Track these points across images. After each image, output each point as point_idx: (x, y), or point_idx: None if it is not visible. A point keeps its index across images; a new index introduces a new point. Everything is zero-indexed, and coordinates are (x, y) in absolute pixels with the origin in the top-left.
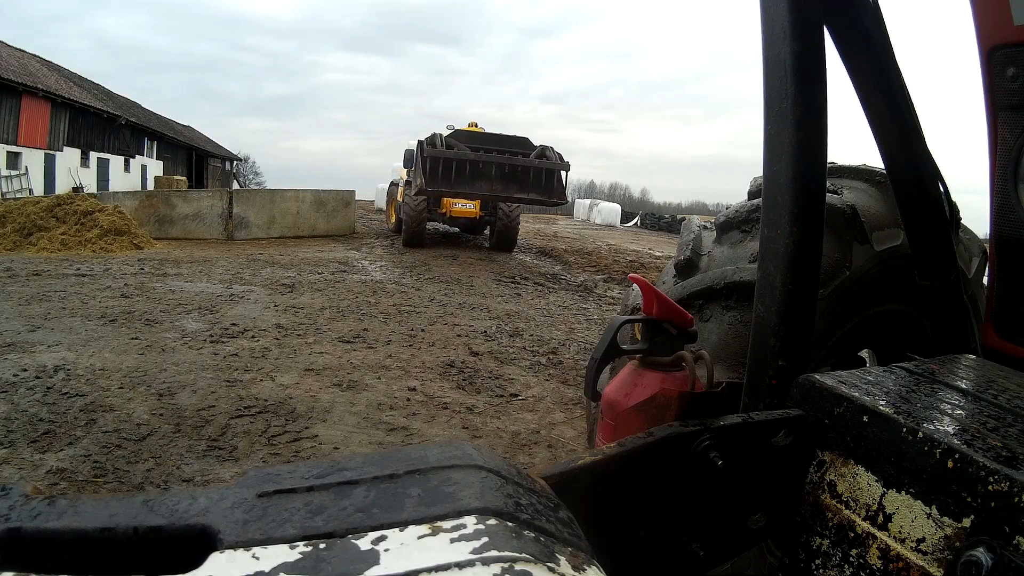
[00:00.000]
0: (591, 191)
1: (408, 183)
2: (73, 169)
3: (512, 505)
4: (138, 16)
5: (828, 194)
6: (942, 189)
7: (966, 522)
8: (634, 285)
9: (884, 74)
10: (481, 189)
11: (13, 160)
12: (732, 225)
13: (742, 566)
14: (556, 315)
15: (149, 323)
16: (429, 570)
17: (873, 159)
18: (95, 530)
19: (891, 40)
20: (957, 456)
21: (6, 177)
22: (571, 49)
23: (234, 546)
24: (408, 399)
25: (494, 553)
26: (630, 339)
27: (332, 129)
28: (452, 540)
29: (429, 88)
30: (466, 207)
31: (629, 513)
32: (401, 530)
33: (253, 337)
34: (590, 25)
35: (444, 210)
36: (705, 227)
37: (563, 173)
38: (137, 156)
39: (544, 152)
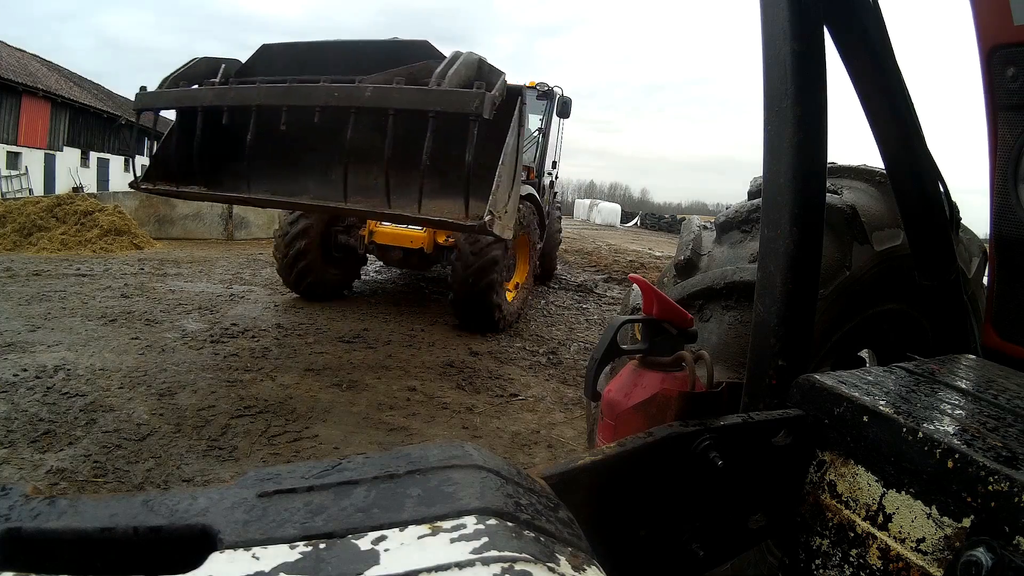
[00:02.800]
0: (591, 191)
1: None
2: (73, 169)
3: (512, 505)
4: (142, 15)
5: (828, 194)
6: (942, 189)
7: (966, 522)
8: (634, 285)
9: (884, 74)
10: (280, 188)
11: (13, 160)
12: (732, 225)
13: (742, 566)
14: (556, 315)
15: (149, 323)
16: (429, 570)
17: (873, 159)
18: (95, 530)
19: (891, 40)
20: (957, 456)
21: (6, 177)
22: (575, 49)
23: (234, 546)
24: (408, 399)
25: (494, 553)
26: (630, 339)
27: None
28: (452, 540)
29: None
30: (401, 228)
31: (629, 513)
32: (401, 530)
33: (253, 337)
34: (594, 25)
35: (366, 231)
36: (705, 227)
37: (516, 130)
38: (137, 156)
39: (454, 66)
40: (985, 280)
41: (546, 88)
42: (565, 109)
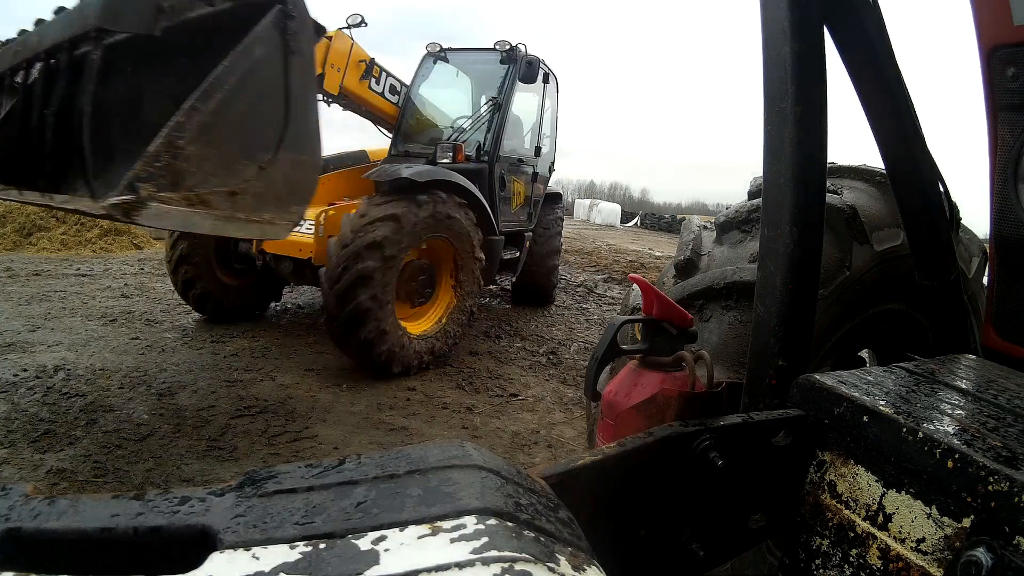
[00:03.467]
0: (591, 191)
1: None
2: None
3: (512, 505)
4: None
5: (828, 194)
6: (942, 189)
7: (966, 522)
8: (634, 285)
9: (884, 74)
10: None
11: None
12: (732, 225)
13: (742, 566)
14: (555, 315)
15: (149, 323)
16: (429, 570)
17: (873, 159)
18: (95, 530)
19: (891, 40)
20: (957, 456)
21: None
22: (576, 49)
23: (234, 546)
24: (408, 399)
25: (494, 553)
26: (630, 339)
27: (335, 128)
28: (452, 540)
29: None
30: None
31: (629, 513)
32: (401, 530)
33: (253, 337)
34: (594, 25)
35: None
36: (705, 227)
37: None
38: None
39: None
40: (985, 280)
41: (508, 47)
42: (530, 72)
